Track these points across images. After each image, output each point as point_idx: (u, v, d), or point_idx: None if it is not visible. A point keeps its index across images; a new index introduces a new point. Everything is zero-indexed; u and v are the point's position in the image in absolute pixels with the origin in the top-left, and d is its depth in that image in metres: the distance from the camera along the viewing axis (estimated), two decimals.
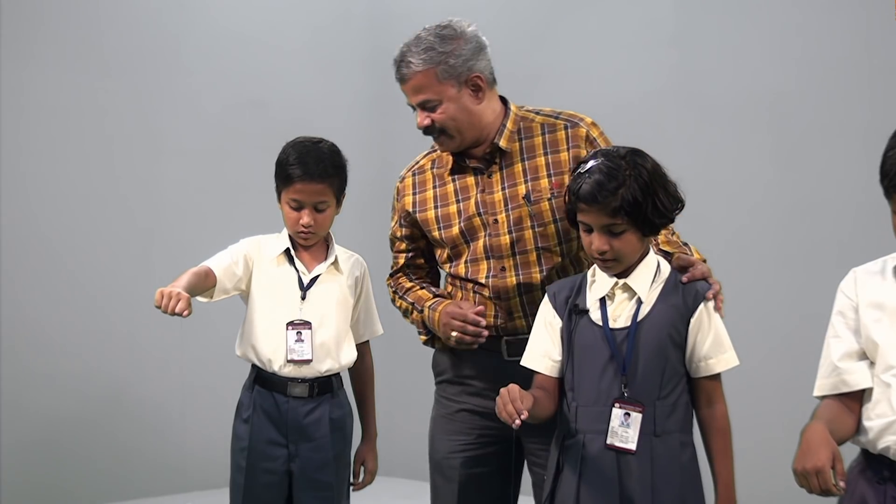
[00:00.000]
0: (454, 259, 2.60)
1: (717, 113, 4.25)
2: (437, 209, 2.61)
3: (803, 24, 4.07)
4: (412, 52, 2.49)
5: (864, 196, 3.65)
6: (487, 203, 2.53)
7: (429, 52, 2.47)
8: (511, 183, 2.53)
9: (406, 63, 2.50)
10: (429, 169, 2.67)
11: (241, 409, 2.86)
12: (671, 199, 2.18)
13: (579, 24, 4.53)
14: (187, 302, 2.44)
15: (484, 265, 2.54)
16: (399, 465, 4.36)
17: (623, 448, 2.17)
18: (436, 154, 2.68)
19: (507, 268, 2.51)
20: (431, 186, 2.64)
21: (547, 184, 2.50)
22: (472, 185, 2.57)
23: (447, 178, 2.61)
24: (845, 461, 1.98)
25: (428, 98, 2.50)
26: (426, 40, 2.49)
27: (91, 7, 4.63)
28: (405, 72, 2.50)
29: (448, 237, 2.58)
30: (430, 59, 2.47)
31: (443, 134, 2.53)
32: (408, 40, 2.53)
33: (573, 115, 2.58)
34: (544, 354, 2.30)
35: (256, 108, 4.89)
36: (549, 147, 2.53)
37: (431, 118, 2.51)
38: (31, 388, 4.46)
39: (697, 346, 2.20)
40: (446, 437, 2.64)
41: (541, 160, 2.52)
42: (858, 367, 2.03)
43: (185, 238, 4.65)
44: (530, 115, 2.59)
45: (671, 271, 2.25)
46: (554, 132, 2.54)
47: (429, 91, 2.49)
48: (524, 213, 2.50)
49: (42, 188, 4.54)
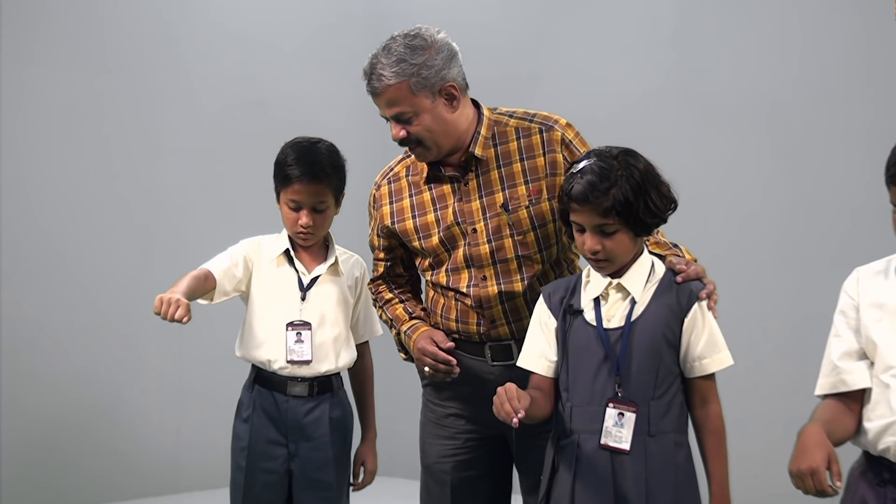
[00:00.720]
0: (435, 267, 2.57)
1: (716, 113, 4.25)
2: (414, 219, 2.56)
3: (803, 25, 4.07)
4: (382, 63, 2.42)
5: (863, 196, 3.67)
6: (465, 212, 2.50)
7: (401, 65, 2.41)
8: (488, 191, 2.49)
9: (377, 76, 2.43)
10: (404, 176, 2.62)
11: (241, 409, 2.87)
12: (663, 200, 2.18)
13: (578, 24, 4.53)
14: (186, 309, 2.44)
15: (465, 274, 2.51)
16: (399, 466, 4.36)
17: (617, 448, 2.17)
18: (410, 160, 2.62)
19: (489, 276, 2.48)
20: (408, 195, 2.59)
21: (524, 191, 2.46)
22: (449, 193, 2.53)
23: (423, 186, 2.57)
24: (846, 463, 1.99)
25: (402, 111, 2.43)
26: (396, 52, 2.42)
27: (90, 7, 4.63)
28: (377, 85, 2.44)
29: (428, 247, 2.55)
30: (402, 72, 2.40)
31: (419, 145, 2.48)
32: (375, 50, 2.47)
33: (547, 118, 2.53)
34: (540, 355, 2.30)
35: (256, 108, 4.89)
36: (525, 153, 2.49)
37: (407, 130, 2.45)
38: (31, 389, 4.46)
39: (691, 346, 2.20)
40: (436, 442, 2.63)
41: (517, 166, 2.48)
42: (857, 367, 2.03)
43: (185, 238, 4.65)
44: (503, 119, 2.54)
45: (665, 271, 2.25)
46: (529, 136, 2.50)
47: (403, 104, 2.43)
48: (503, 222, 2.47)
49: (41, 188, 4.54)
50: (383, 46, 2.46)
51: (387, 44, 2.46)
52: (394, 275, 2.73)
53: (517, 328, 2.48)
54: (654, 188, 2.16)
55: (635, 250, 2.22)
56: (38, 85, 4.51)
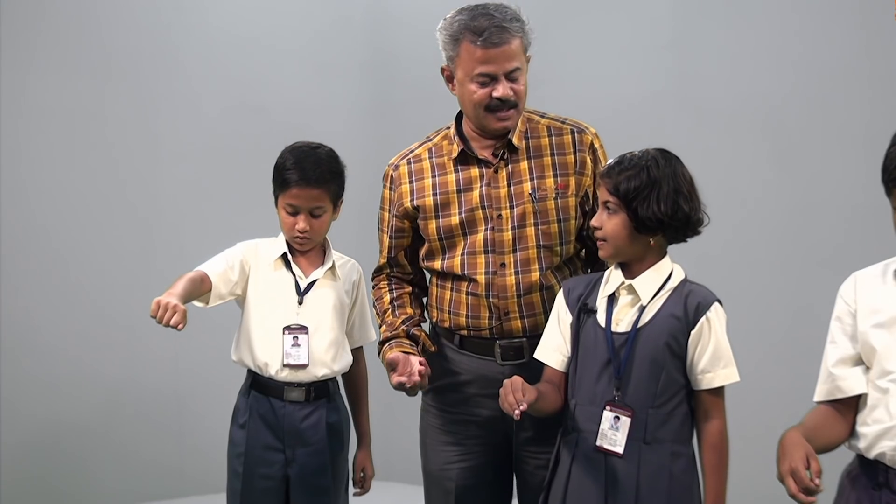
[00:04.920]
0: (447, 251, 2.53)
1: (714, 116, 4.24)
2: (435, 196, 2.54)
3: (800, 28, 4.06)
4: (506, 18, 2.41)
5: (862, 199, 3.65)
6: (493, 197, 2.50)
7: (518, 22, 2.43)
8: (517, 180, 2.50)
9: (502, 28, 2.39)
10: (426, 158, 2.59)
11: (238, 415, 2.86)
12: (670, 208, 2.18)
13: (576, 28, 4.52)
14: (182, 315, 2.42)
15: (482, 259, 2.49)
16: (396, 470, 4.35)
17: (611, 451, 2.19)
18: (432, 143, 2.61)
19: (507, 264, 2.47)
20: (430, 175, 2.56)
21: (552, 183, 2.49)
22: (477, 177, 2.52)
23: (449, 166, 2.55)
24: (835, 467, 1.99)
25: (517, 66, 2.43)
26: (510, 11, 2.43)
27: (90, 11, 4.63)
28: (503, 36, 2.39)
29: (446, 226, 2.52)
30: (520, 29, 2.43)
31: (515, 108, 2.47)
32: (484, 5, 2.45)
33: (578, 123, 2.58)
34: (555, 349, 2.33)
35: (255, 113, 4.88)
36: (556, 149, 2.52)
37: (514, 89, 2.45)
38: (31, 392, 4.46)
39: (696, 359, 2.20)
40: (441, 448, 2.61)
41: (547, 160, 2.51)
42: (852, 373, 2.03)
43: (184, 242, 4.65)
44: (535, 117, 2.58)
45: (682, 281, 2.25)
46: (561, 135, 2.54)
47: (519, 58, 2.43)
48: (528, 210, 2.48)
49: (41, 192, 4.53)
50: (487, 5, 2.45)
51: (488, 4, 2.46)
52: (397, 265, 2.69)
53: (530, 324, 2.47)
54: (670, 193, 2.18)
55: (635, 246, 2.23)
56: (37, 89, 4.51)
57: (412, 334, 2.56)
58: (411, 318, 2.60)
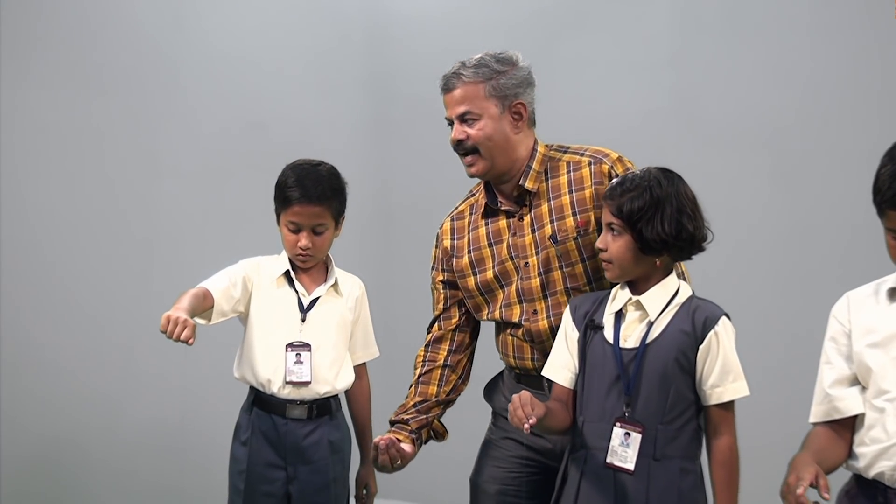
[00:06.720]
0: (490, 305, 2.58)
1: (714, 134, 4.25)
2: (470, 254, 2.59)
3: (800, 46, 4.07)
4: (466, 66, 2.49)
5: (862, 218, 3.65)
6: (518, 246, 2.52)
7: (482, 69, 2.48)
8: (539, 224, 2.51)
9: (457, 75, 2.48)
10: (468, 214, 2.65)
11: (240, 432, 2.85)
12: (674, 228, 2.19)
13: (576, 47, 4.53)
14: (192, 330, 2.42)
15: (517, 309, 2.52)
16: (398, 488, 4.33)
17: (621, 468, 2.19)
18: (473, 199, 2.66)
19: (539, 311, 2.49)
20: (468, 231, 2.62)
21: (573, 223, 2.47)
22: (505, 228, 2.55)
23: (480, 221, 2.59)
24: (835, 486, 1.99)
25: (469, 110, 2.47)
26: (483, 59, 2.50)
27: (89, 28, 4.64)
28: (454, 82, 2.49)
29: (483, 281, 2.56)
30: (481, 74, 2.47)
31: (474, 153, 2.49)
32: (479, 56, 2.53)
33: (599, 151, 2.55)
34: (563, 366, 2.33)
35: (255, 130, 4.88)
36: (574, 185, 2.50)
37: (468, 133, 2.48)
38: (31, 408, 4.45)
39: (705, 374, 2.20)
40: (489, 463, 2.64)
41: (566, 199, 2.49)
42: (849, 394, 2.04)
43: (184, 259, 4.64)
44: (557, 155, 2.56)
45: (689, 297, 2.26)
46: (579, 169, 2.51)
47: (472, 104, 2.47)
48: (552, 254, 2.48)
49: (39, 208, 4.54)
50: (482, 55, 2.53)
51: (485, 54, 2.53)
52: (447, 316, 2.70)
53: None
54: (674, 213, 2.19)
55: (642, 265, 2.23)
56: (36, 105, 4.52)
57: (411, 425, 2.60)
58: (425, 400, 2.64)
